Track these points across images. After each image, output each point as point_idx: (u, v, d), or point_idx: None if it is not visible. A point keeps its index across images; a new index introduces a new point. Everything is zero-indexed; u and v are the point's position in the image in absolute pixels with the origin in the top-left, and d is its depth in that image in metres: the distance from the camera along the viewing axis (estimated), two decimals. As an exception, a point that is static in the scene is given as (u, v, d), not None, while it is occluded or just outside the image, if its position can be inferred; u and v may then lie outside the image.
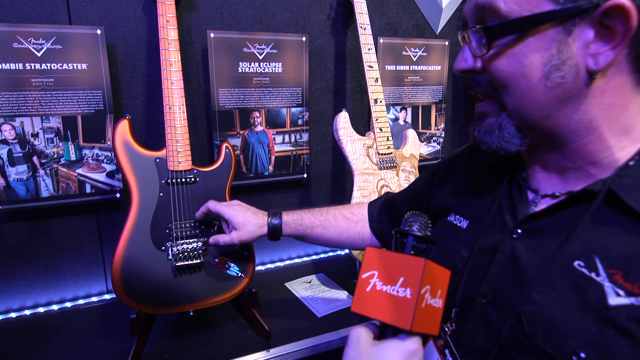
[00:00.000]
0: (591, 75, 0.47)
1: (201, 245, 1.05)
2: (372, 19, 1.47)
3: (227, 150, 1.12)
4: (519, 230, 0.56)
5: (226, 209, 0.95)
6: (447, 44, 1.70)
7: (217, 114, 1.35)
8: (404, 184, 1.40)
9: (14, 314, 1.23)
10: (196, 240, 1.05)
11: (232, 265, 1.07)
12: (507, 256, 0.56)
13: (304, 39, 1.42)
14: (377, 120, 1.38)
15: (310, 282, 1.43)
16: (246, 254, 1.09)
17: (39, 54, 1.11)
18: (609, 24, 0.45)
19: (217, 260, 1.07)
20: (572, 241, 0.50)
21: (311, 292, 1.36)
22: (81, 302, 1.31)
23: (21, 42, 1.09)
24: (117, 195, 1.27)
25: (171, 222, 1.03)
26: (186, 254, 1.03)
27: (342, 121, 1.32)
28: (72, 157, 1.21)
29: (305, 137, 1.50)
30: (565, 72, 0.48)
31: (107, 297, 1.34)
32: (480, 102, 0.57)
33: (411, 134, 1.49)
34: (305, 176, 1.54)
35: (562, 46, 0.47)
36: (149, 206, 1.02)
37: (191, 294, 1.04)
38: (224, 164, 1.11)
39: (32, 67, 1.11)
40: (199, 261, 1.03)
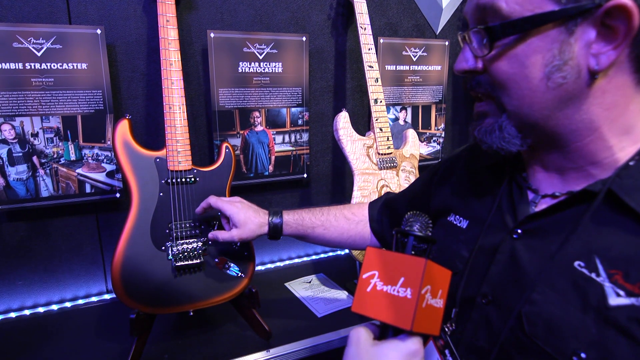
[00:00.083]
0: (593, 75, 0.47)
1: (201, 245, 1.05)
2: (372, 19, 1.47)
3: (227, 150, 1.12)
4: (519, 230, 0.56)
5: (228, 205, 0.94)
6: (447, 44, 1.70)
7: (217, 113, 1.35)
8: (404, 184, 1.40)
9: (13, 314, 1.23)
10: (196, 240, 1.05)
11: (232, 265, 1.07)
12: (507, 256, 0.56)
13: (304, 39, 1.42)
14: (377, 120, 1.38)
15: (310, 282, 1.43)
16: (246, 253, 1.09)
17: (38, 54, 1.11)
18: (610, 24, 0.45)
19: (217, 260, 1.06)
20: (572, 241, 0.50)
21: (311, 292, 1.36)
22: (81, 302, 1.30)
23: (21, 42, 1.09)
24: (117, 195, 1.27)
25: (171, 222, 1.03)
26: (186, 254, 1.03)
27: (342, 121, 1.32)
28: (72, 157, 1.21)
29: (305, 137, 1.50)
30: (566, 73, 0.48)
31: (106, 297, 1.34)
32: (480, 102, 0.57)
33: (411, 134, 1.49)
34: (305, 176, 1.54)
35: (564, 46, 0.47)
36: (149, 206, 1.02)
37: (191, 294, 1.04)
38: (224, 163, 1.11)
39: (32, 67, 1.11)
40: (198, 261, 1.03)
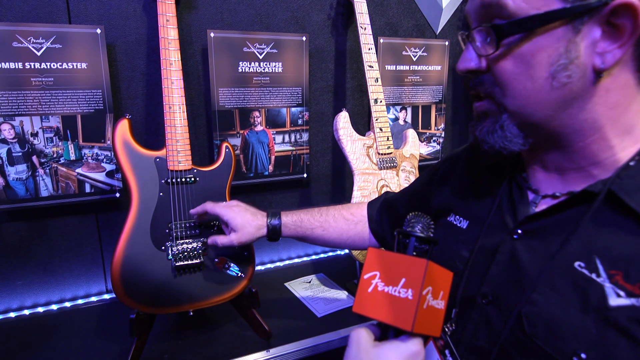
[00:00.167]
0: (598, 74, 0.47)
1: (201, 245, 1.05)
2: (372, 19, 1.47)
3: (227, 150, 1.12)
4: (519, 230, 0.56)
5: (224, 210, 0.94)
6: (447, 44, 1.70)
7: (217, 113, 1.35)
8: (404, 184, 1.40)
9: (12, 314, 1.23)
10: (196, 240, 1.05)
11: (232, 265, 1.07)
12: (508, 257, 0.56)
13: (304, 38, 1.42)
14: (377, 120, 1.38)
15: (310, 282, 1.43)
16: (246, 253, 1.09)
17: (38, 53, 1.11)
18: (616, 22, 0.45)
19: (217, 260, 1.06)
20: (573, 242, 0.50)
21: (311, 292, 1.36)
22: (80, 302, 1.30)
23: (21, 41, 1.09)
24: (117, 194, 1.27)
25: (171, 221, 1.03)
26: (186, 253, 1.03)
27: (342, 121, 1.32)
28: (72, 157, 1.20)
29: (305, 136, 1.50)
30: (572, 72, 0.47)
31: (106, 296, 1.34)
32: (479, 101, 0.56)
33: (411, 134, 1.49)
34: (305, 176, 1.54)
35: (570, 45, 0.47)
36: (148, 206, 1.02)
37: (191, 294, 1.04)
38: (224, 163, 1.11)
39: (32, 67, 1.11)
40: (198, 261, 1.03)
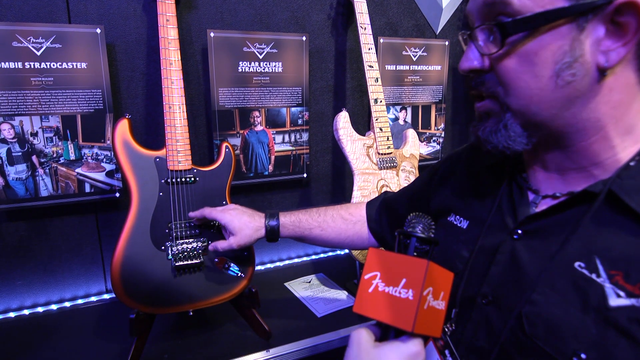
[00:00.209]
0: (602, 72, 0.47)
1: (201, 245, 1.05)
2: (372, 19, 1.47)
3: (227, 149, 1.12)
4: (520, 231, 0.56)
5: (221, 214, 0.95)
6: (447, 44, 1.70)
7: (217, 113, 1.35)
8: (404, 184, 1.40)
9: (12, 314, 1.23)
10: (196, 240, 1.05)
11: (231, 265, 1.07)
12: (508, 257, 0.56)
13: (304, 38, 1.42)
14: (377, 120, 1.38)
15: (309, 282, 1.43)
16: (246, 254, 1.09)
17: (38, 53, 1.11)
18: (619, 21, 0.45)
19: (217, 260, 1.06)
20: (573, 242, 0.50)
21: (311, 292, 1.36)
22: (80, 301, 1.30)
23: (20, 41, 1.09)
24: (117, 194, 1.27)
25: (171, 221, 1.03)
26: (186, 253, 1.03)
27: (342, 121, 1.32)
28: (72, 157, 1.20)
29: (305, 136, 1.50)
30: (576, 70, 0.47)
31: (106, 296, 1.34)
32: (481, 101, 0.56)
33: (411, 134, 1.49)
34: (305, 176, 1.53)
35: (575, 43, 0.46)
36: (148, 206, 1.01)
37: (191, 294, 1.04)
38: (223, 163, 1.11)
39: (32, 66, 1.11)
40: (198, 261, 1.03)
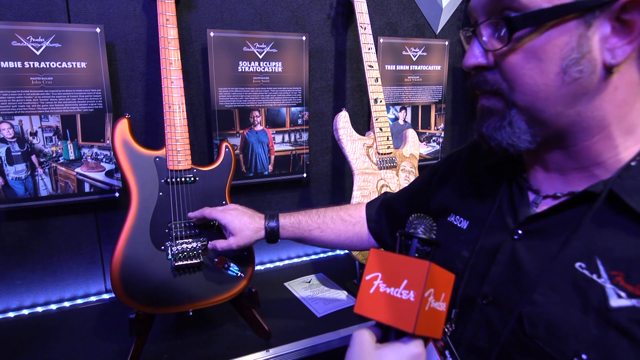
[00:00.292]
0: (608, 69, 0.47)
1: (200, 244, 1.04)
2: (372, 19, 1.47)
3: (226, 149, 1.11)
4: (520, 231, 0.56)
5: (221, 214, 0.95)
6: (447, 43, 1.70)
7: (216, 113, 1.35)
8: (404, 183, 1.40)
9: (12, 314, 1.23)
10: (195, 239, 1.05)
11: (231, 265, 1.07)
12: (508, 257, 0.56)
13: (304, 38, 1.42)
14: (377, 120, 1.38)
15: (309, 282, 1.43)
16: (246, 254, 1.09)
17: (38, 53, 1.11)
18: (626, 18, 0.45)
19: (217, 260, 1.06)
20: (574, 242, 0.50)
21: (310, 292, 1.36)
22: (80, 301, 1.30)
23: (20, 41, 1.09)
24: (116, 194, 1.27)
25: (170, 221, 1.03)
26: (185, 253, 1.03)
27: (342, 121, 1.32)
28: (71, 156, 1.20)
29: (305, 136, 1.50)
30: (583, 67, 0.47)
31: (105, 296, 1.33)
32: (484, 98, 0.55)
33: (411, 134, 1.49)
34: (304, 176, 1.53)
35: (582, 39, 0.46)
36: (148, 205, 1.01)
37: (190, 294, 1.04)
38: (223, 163, 1.11)
39: (31, 66, 1.11)
40: (198, 261, 1.03)
